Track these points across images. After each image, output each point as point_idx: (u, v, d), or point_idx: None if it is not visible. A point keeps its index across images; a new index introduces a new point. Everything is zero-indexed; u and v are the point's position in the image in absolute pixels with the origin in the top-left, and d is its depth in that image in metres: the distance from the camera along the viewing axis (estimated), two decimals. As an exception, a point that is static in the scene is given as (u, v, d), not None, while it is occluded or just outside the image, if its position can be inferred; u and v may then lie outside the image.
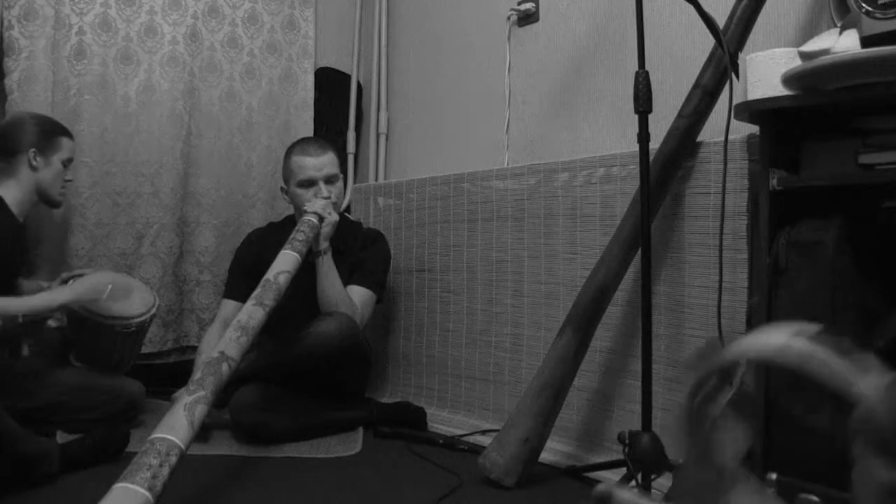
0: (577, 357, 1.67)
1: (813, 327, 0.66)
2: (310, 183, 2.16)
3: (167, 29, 2.54)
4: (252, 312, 1.67)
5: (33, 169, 2.06)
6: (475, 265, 2.23)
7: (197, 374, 1.49)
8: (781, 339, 0.65)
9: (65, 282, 2.14)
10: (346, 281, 2.15)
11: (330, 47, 2.98)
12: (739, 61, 1.55)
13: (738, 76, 1.50)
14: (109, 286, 1.99)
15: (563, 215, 1.97)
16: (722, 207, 1.54)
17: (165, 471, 1.25)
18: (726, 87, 1.50)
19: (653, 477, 1.43)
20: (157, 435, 1.31)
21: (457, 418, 2.22)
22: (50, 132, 2.10)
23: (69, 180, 2.17)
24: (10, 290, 2.05)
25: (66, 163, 2.13)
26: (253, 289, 1.77)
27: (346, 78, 2.98)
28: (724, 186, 1.54)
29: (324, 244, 2.07)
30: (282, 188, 2.28)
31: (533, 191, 2.05)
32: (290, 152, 2.24)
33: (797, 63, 1.27)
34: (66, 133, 2.14)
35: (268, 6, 2.77)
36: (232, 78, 2.69)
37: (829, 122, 1.26)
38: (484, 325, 2.19)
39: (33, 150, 2.05)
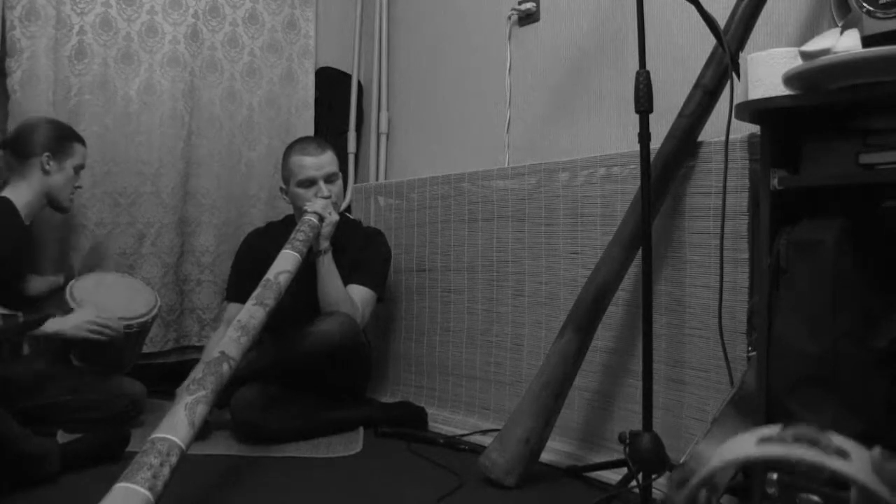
0: (577, 357, 1.67)
1: (774, 429, 0.64)
2: (310, 182, 2.16)
3: (168, 28, 2.54)
4: (253, 312, 1.67)
5: (45, 173, 2.07)
6: (476, 265, 2.23)
7: (198, 374, 1.49)
8: (751, 447, 0.63)
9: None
10: (346, 280, 2.15)
11: (330, 47, 2.98)
12: (740, 61, 1.55)
13: (738, 76, 1.50)
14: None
15: (563, 215, 1.97)
16: (723, 207, 1.55)
17: (166, 470, 1.25)
18: (727, 86, 1.50)
19: (653, 477, 1.42)
20: (157, 435, 1.31)
21: (457, 418, 2.22)
22: (65, 137, 2.12)
23: (79, 186, 2.19)
24: (15, 290, 2.06)
25: (78, 169, 2.15)
26: (255, 289, 1.77)
27: (346, 78, 2.98)
28: (724, 186, 1.54)
29: (324, 244, 2.07)
30: (281, 188, 2.28)
31: (533, 190, 2.05)
32: (289, 152, 2.23)
33: (798, 63, 1.27)
34: (79, 139, 2.17)
35: (268, 6, 2.77)
36: (232, 78, 2.69)
37: (830, 122, 1.26)
38: (484, 325, 2.19)
39: (47, 154, 2.06)
